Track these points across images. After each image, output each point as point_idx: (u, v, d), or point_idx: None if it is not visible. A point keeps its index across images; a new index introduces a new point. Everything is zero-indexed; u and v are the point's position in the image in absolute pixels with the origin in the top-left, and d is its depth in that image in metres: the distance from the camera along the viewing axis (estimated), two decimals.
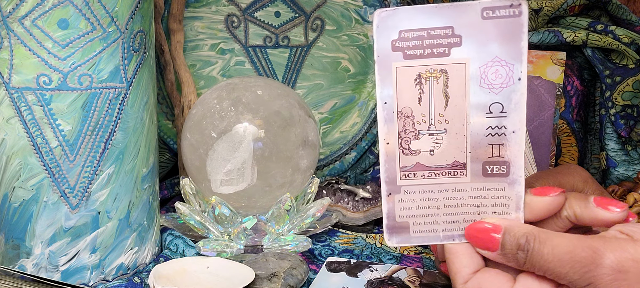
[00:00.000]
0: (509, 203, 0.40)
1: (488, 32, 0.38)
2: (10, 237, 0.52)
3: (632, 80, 0.73)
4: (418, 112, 0.40)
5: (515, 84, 0.39)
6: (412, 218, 0.41)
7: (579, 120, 0.77)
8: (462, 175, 0.40)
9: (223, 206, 0.60)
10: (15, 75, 0.49)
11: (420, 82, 0.39)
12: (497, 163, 0.40)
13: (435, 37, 0.39)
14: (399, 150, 0.40)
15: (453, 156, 0.40)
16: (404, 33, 0.39)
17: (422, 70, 0.39)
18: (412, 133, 0.40)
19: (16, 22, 0.48)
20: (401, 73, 0.39)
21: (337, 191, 0.72)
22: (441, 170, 0.40)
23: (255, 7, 0.77)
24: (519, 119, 0.39)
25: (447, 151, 0.40)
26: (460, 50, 0.39)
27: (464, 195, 0.40)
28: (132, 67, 0.52)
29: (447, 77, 0.39)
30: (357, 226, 0.70)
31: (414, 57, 0.39)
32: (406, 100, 0.40)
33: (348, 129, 0.80)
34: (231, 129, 0.60)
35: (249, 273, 0.52)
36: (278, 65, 0.78)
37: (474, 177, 0.40)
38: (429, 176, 0.41)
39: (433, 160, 0.40)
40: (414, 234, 0.41)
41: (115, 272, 0.55)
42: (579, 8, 0.75)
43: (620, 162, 0.75)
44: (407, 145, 0.40)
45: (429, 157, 0.40)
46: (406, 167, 0.41)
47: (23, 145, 0.50)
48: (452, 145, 0.40)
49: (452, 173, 0.40)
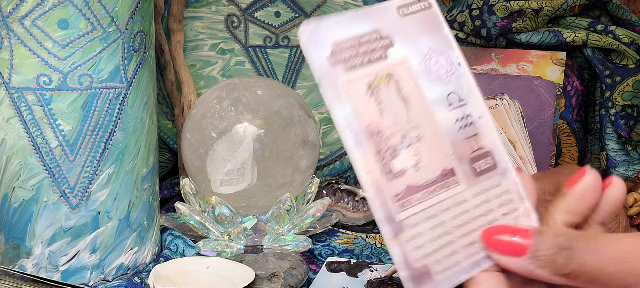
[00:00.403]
0: (511, 196, 0.37)
1: (411, 27, 0.37)
2: (10, 237, 0.52)
3: (632, 80, 0.73)
4: (385, 126, 0.36)
5: (458, 69, 0.37)
6: (429, 257, 0.35)
7: (579, 120, 0.77)
8: (456, 183, 0.37)
9: (223, 206, 0.60)
10: (15, 75, 0.49)
11: (373, 93, 0.36)
12: (482, 157, 0.37)
13: (367, 43, 0.36)
14: (383, 177, 0.35)
15: (439, 164, 0.37)
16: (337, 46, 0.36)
17: (369, 79, 0.36)
18: (389, 151, 0.36)
19: (16, 22, 0.48)
20: (349, 88, 0.36)
21: (337, 191, 0.72)
22: (434, 185, 0.36)
23: (255, 7, 0.77)
24: (478, 103, 0.37)
25: (431, 160, 0.36)
26: (395, 50, 0.37)
27: (467, 207, 0.36)
28: (132, 67, 0.52)
29: (396, 80, 0.37)
30: (357, 226, 0.70)
31: (355, 67, 0.36)
32: (367, 117, 0.36)
33: None
34: (231, 129, 0.60)
35: (249, 273, 0.52)
36: (278, 65, 0.78)
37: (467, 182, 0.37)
38: (426, 198, 0.36)
39: (421, 176, 0.36)
40: (437, 276, 0.35)
41: (115, 272, 0.55)
42: (579, 8, 0.75)
43: (620, 162, 0.75)
44: (389, 167, 0.36)
45: (415, 174, 0.36)
46: (399, 195, 0.36)
47: (23, 145, 0.50)
48: (433, 152, 0.37)
49: (445, 185, 0.36)
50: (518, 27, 0.74)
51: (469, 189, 0.36)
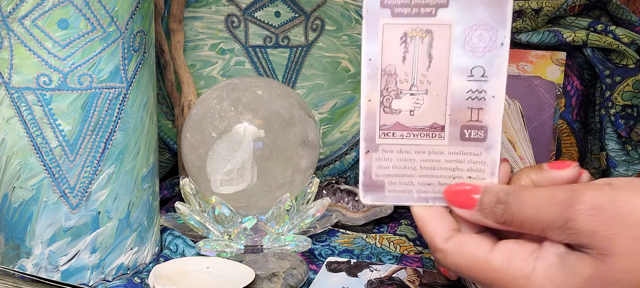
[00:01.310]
0: (484, 168, 0.41)
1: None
2: (10, 237, 0.52)
3: (632, 80, 0.73)
4: (401, 71, 0.40)
5: (498, 48, 0.40)
6: (388, 177, 0.41)
7: (579, 120, 0.77)
8: (440, 138, 0.41)
9: (223, 206, 0.60)
10: (15, 75, 0.49)
11: (406, 41, 0.40)
12: (475, 128, 0.40)
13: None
14: (380, 108, 0.41)
15: (432, 118, 0.41)
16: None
17: (409, 29, 0.40)
18: (394, 91, 0.41)
19: (16, 22, 0.48)
20: (388, 30, 0.40)
21: (337, 191, 0.72)
22: (420, 131, 0.41)
23: (255, 7, 0.77)
24: (499, 84, 0.40)
25: (427, 112, 0.41)
26: (446, 12, 0.39)
27: (440, 158, 0.41)
28: (132, 67, 0.52)
29: (432, 38, 0.40)
30: (357, 226, 0.70)
31: (402, 15, 0.40)
32: (390, 58, 0.40)
33: (348, 129, 0.80)
34: (231, 129, 0.60)
35: (249, 273, 0.52)
36: (278, 65, 0.78)
37: (451, 140, 0.41)
38: (408, 136, 0.41)
39: (413, 120, 0.41)
40: (389, 193, 0.42)
41: (115, 272, 0.55)
42: (579, 8, 0.75)
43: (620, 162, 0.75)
44: (389, 103, 0.41)
45: (409, 117, 0.41)
46: (386, 126, 0.41)
47: (23, 145, 0.50)
48: (432, 107, 0.40)
49: (430, 135, 0.41)
50: (518, 27, 0.74)
51: (450, 146, 0.41)
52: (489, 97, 0.40)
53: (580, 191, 0.35)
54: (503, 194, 0.38)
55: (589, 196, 0.34)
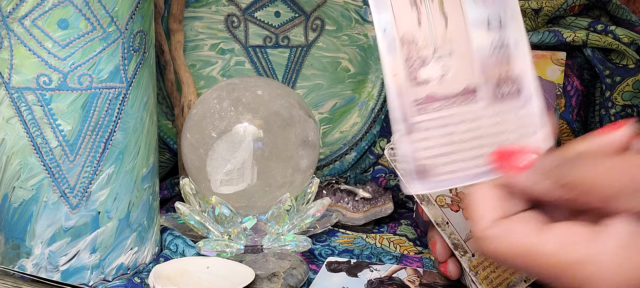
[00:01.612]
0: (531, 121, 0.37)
1: None
2: (10, 237, 0.52)
3: (632, 80, 0.73)
4: (420, 37, 0.37)
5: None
6: (432, 158, 0.37)
7: (579, 120, 0.77)
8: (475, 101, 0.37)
9: (223, 206, 0.60)
10: (15, 75, 0.49)
11: (416, 3, 0.37)
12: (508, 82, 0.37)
13: None
14: (407, 82, 0.37)
15: (463, 81, 0.37)
16: None
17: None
18: (418, 60, 0.37)
19: (16, 22, 0.48)
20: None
21: (337, 191, 0.72)
22: (454, 99, 0.37)
23: (255, 7, 0.77)
24: (518, 29, 0.37)
25: (457, 76, 0.37)
26: None
27: (482, 124, 0.37)
28: (132, 67, 0.52)
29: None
30: (357, 226, 0.70)
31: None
32: (405, 25, 0.37)
33: (348, 129, 0.80)
34: (231, 129, 0.60)
35: (249, 273, 0.52)
36: (278, 65, 0.78)
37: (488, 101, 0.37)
38: (443, 108, 0.37)
39: (444, 88, 0.37)
40: (436, 177, 0.37)
41: (115, 272, 0.55)
42: (579, 8, 0.75)
43: None
44: (415, 74, 0.37)
45: (439, 85, 0.37)
46: (418, 100, 0.37)
47: (23, 145, 0.50)
48: (461, 68, 0.37)
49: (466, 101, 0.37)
50: None
51: (487, 108, 0.37)
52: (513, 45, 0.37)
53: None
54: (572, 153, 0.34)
55: None
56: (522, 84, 0.37)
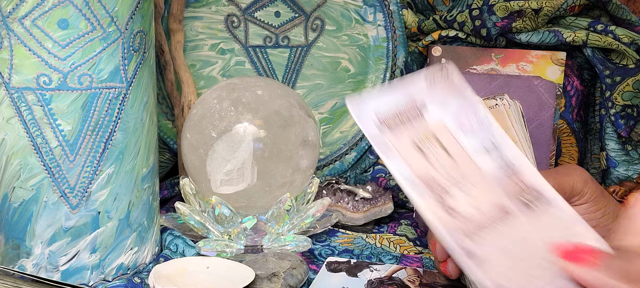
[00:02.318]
0: (566, 220, 0.38)
1: (439, 94, 0.42)
2: (10, 237, 0.52)
3: (632, 80, 0.73)
4: (436, 174, 0.40)
5: (486, 118, 0.42)
6: (502, 278, 0.36)
7: (579, 120, 0.77)
8: (513, 217, 0.38)
9: (223, 206, 0.60)
10: (15, 75, 0.49)
11: (420, 149, 0.41)
12: (527, 191, 0.39)
13: (405, 110, 0.42)
14: (447, 215, 0.38)
15: (493, 203, 0.39)
16: (379, 114, 0.42)
17: (414, 137, 0.41)
18: (444, 193, 0.39)
19: (16, 22, 0.48)
20: (397, 143, 0.41)
21: (337, 191, 0.72)
22: (494, 221, 0.38)
23: (255, 7, 0.77)
24: (512, 147, 0.41)
25: (486, 201, 0.39)
26: (430, 113, 0.42)
27: (529, 237, 0.38)
28: (132, 67, 0.52)
29: (438, 138, 0.41)
30: (357, 226, 0.69)
31: (398, 127, 0.41)
32: (419, 167, 0.40)
33: (348, 129, 0.80)
34: (231, 129, 0.60)
35: (249, 273, 0.52)
36: (278, 65, 0.78)
37: (523, 214, 0.38)
38: (490, 231, 0.38)
39: (479, 214, 0.38)
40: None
41: (115, 272, 0.55)
42: (579, 8, 0.75)
43: (620, 162, 0.75)
44: (448, 205, 0.38)
45: (474, 211, 0.38)
46: (466, 229, 0.38)
47: (23, 145, 0.50)
48: (486, 193, 0.39)
49: (505, 220, 0.38)
50: (518, 27, 0.74)
51: (527, 222, 0.38)
52: (512, 159, 0.40)
53: None
54: (629, 254, 0.35)
55: None
56: (538, 190, 0.39)
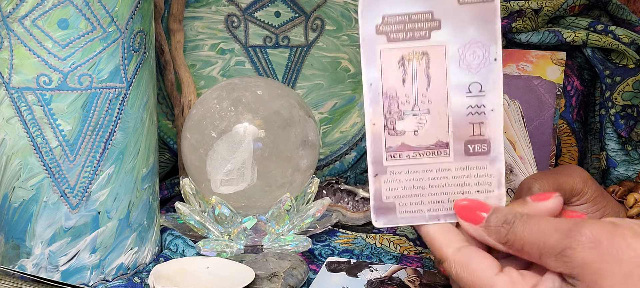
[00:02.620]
0: (491, 180, 0.42)
1: (465, 16, 0.41)
2: (10, 237, 0.52)
3: (632, 80, 0.73)
4: (402, 93, 0.42)
5: (492, 64, 0.42)
6: (398, 198, 0.43)
7: (579, 120, 0.77)
8: (446, 155, 0.42)
9: (223, 206, 0.60)
10: (15, 75, 0.49)
11: (404, 64, 0.42)
12: (478, 142, 0.42)
13: (416, 21, 0.42)
14: (384, 131, 0.42)
15: (436, 136, 0.42)
16: (387, 18, 0.41)
17: (405, 52, 0.42)
18: (396, 113, 0.42)
19: (16, 22, 0.48)
20: (385, 56, 0.42)
21: (337, 191, 0.72)
22: (425, 150, 0.42)
23: (255, 7, 0.77)
24: (497, 98, 0.42)
25: (431, 131, 0.42)
26: (439, 34, 0.42)
27: (447, 175, 0.42)
28: (132, 67, 0.52)
29: (429, 59, 0.42)
30: (357, 226, 0.70)
31: (397, 40, 0.42)
32: (391, 82, 0.42)
33: (348, 129, 0.80)
34: (231, 129, 0.60)
35: (249, 273, 0.52)
36: (278, 65, 0.78)
37: (456, 156, 0.42)
38: (414, 156, 0.42)
39: (417, 140, 0.42)
40: (400, 215, 0.43)
41: (115, 272, 0.55)
42: (579, 8, 0.75)
43: (620, 162, 0.75)
44: (392, 125, 0.42)
45: (413, 137, 0.42)
46: (392, 148, 0.42)
47: (23, 145, 0.50)
48: (435, 125, 0.42)
49: (436, 153, 0.42)
50: (518, 27, 0.74)
51: (456, 162, 0.42)
52: (488, 110, 0.42)
53: (583, 224, 0.36)
54: (511, 216, 0.39)
55: (590, 229, 0.35)
56: (491, 145, 0.42)
